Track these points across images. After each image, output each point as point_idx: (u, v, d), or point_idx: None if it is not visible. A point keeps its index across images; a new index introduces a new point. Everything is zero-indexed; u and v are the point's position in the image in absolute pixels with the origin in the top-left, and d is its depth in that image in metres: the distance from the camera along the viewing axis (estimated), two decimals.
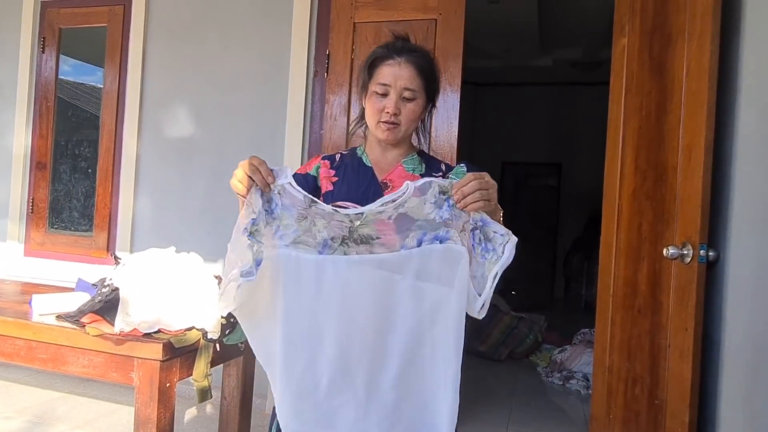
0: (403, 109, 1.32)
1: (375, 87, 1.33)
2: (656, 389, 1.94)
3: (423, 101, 1.34)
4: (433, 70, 1.36)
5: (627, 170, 2.24)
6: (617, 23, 2.36)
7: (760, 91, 1.75)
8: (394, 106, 1.31)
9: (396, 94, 1.31)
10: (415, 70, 1.31)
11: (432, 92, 1.37)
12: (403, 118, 1.32)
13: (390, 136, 1.34)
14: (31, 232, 3.55)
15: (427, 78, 1.33)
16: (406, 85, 1.31)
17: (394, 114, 1.31)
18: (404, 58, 1.31)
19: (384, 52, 1.34)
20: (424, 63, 1.33)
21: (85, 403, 2.99)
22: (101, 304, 1.65)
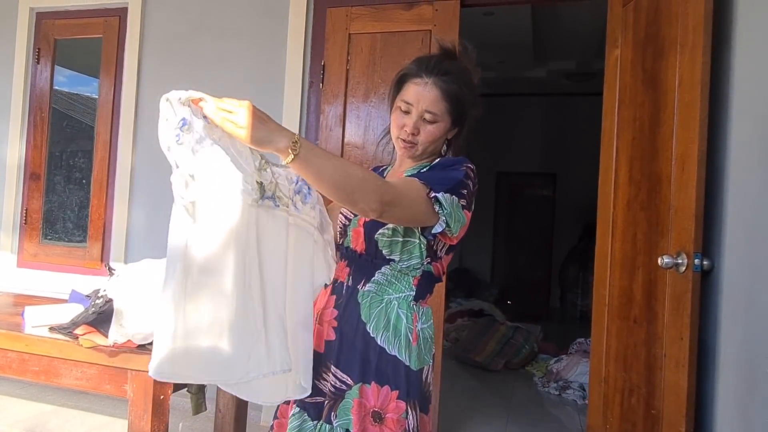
0: (422, 129, 1.31)
1: (399, 103, 1.33)
2: (652, 399, 1.94)
3: (446, 124, 1.32)
4: (462, 94, 1.30)
5: (621, 181, 2.25)
6: (610, 35, 2.38)
7: (752, 101, 1.76)
8: (413, 126, 1.31)
9: (417, 114, 1.30)
10: (440, 93, 1.28)
11: (459, 116, 1.32)
12: (421, 138, 1.31)
13: (406, 153, 1.36)
14: (25, 243, 3.53)
15: (452, 102, 1.29)
16: (428, 107, 1.29)
17: (412, 134, 1.31)
18: (432, 80, 1.28)
19: (414, 70, 1.31)
20: (452, 87, 1.28)
21: (78, 416, 2.96)
22: (95, 315, 1.64)
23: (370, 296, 1.31)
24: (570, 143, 7.14)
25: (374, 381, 1.26)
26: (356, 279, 1.33)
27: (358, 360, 1.27)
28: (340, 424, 1.27)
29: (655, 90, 2.04)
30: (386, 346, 1.27)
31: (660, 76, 2.01)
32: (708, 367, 1.86)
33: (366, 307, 1.30)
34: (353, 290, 1.33)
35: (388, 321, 1.28)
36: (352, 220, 1.36)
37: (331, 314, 1.34)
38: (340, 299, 1.34)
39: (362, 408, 1.26)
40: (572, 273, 6.77)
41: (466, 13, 2.77)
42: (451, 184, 1.21)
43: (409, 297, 1.31)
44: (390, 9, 2.82)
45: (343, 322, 1.32)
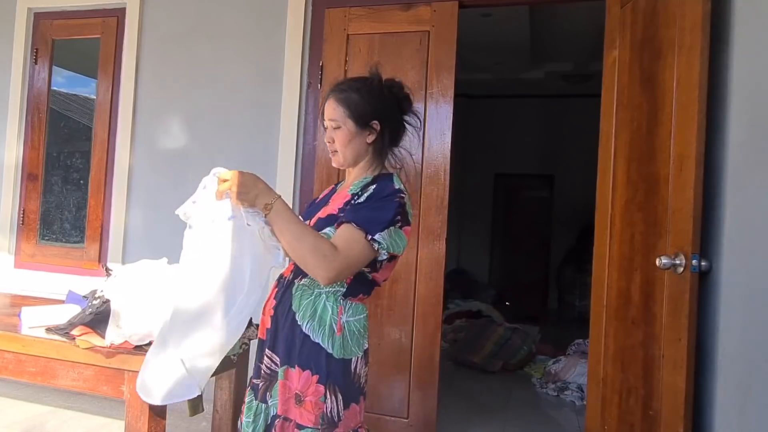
0: (335, 136, 1.48)
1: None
2: (650, 400, 1.94)
3: (350, 127, 1.46)
4: (355, 98, 1.46)
5: (619, 182, 2.25)
6: (608, 37, 2.39)
7: (749, 102, 1.77)
8: (327, 136, 1.50)
9: (328, 126, 1.50)
10: (334, 102, 1.48)
11: (359, 117, 1.46)
12: (337, 144, 1.48)
13: (334, 162, 1.52)
14: (22, 244, 3.52)
15: (347, 106, 1.46)
16: (330, 116, 1.48)
17: (329, 143, 1.50)
18: (329, 96, 1.50)
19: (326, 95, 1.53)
20: (344, 94, 1.47)
21: (75, 418, 2.95)
22: (92, 316, 1.64)
23: (302, 289, 1.44)
24: (567, 145, 7.15)
25: (297, 365, 1.39)
26: (296, 274, 1.47)
27: (286, 345, 1.42)
28: (273, 404, 1.43)
29: (652, 91, 2.05)
30: (311, 334, 1.40)
31: (658, 78, 2.01)
32: (706, 368, 1.86)
33: (297, 298, 1.44)
34: (290, 283, 1.47)
35: (315, 311, 1.41)
36: None
37: (270, 304, 1.51)
38: (279, 291, 1.50)
39: (286, 390, 1.40)
40: (570, 274, 6.77)
41: (464, 14, 2.77)
42: (385, 223, 1.36)
43: (339, 292, 1.43)
44: (388, 10, 2.82)
45: (278, 311, 1.47)
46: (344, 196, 1.47)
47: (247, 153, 3.08)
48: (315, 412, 1.36)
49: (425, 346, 2.73)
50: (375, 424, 2.77)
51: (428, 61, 2.76)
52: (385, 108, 1.49)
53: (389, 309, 2.78)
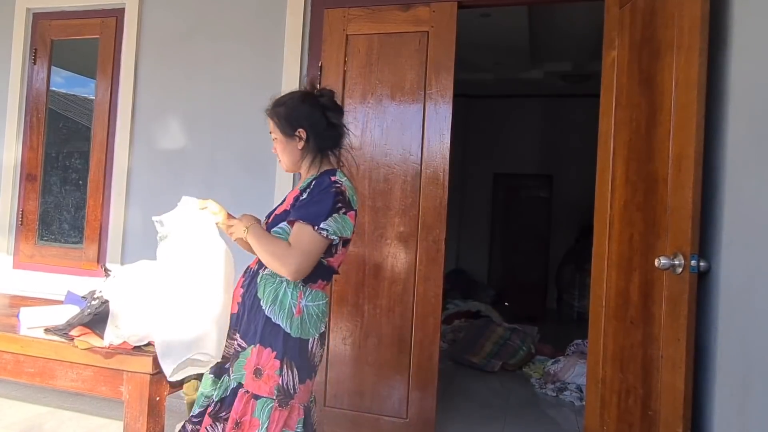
0: (276, 146, 1.75)
1: None
2: (649, 400, 1.94)
3: (283, 137, 1.71)
4: (280, 110, 1.71)
5: (618, 182, 2.25)
6: (607, 36, 2.39)
7: (748, 102, 1.77)
8: (274, 149, 1.76)
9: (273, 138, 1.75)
10: (268, 117, 1.74)
11: (287, 128, 1.70)
12: (278, 153, 1.75)
13: (283, 167, 1.78)
14: (21, 244, 3.51)
15: (276, 120, 1.72)
16: (270, 131, 1.74)
17: (275, 152, 1.75)
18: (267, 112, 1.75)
19: None
20: (274, 109, 1.73)
21: (74, 418, 2.95)
22: (91, 317, 1.64)
23: (266, 278, 1.64)
24: (566, 145, 7.15)
25: (259, 343, 1.58)
26: (260, 265, 1.67)
27: (251, 328, 1.61)
28: (235, 377, 1.60)
29: (651, 91, 2.05)
30: (272, 317, 1.59)
31: (656, 78, 2.01)
32: (705, 368, 1.86)
33: (262, 287, 1.63)
34: (255, 273, 1.68)
35: (276, 296, 1.60)
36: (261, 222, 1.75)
37: (238, 292, 1.70)
38: (246, 280, 1.70)
39: (250, 364, 1.58)
40: (569, 274, 6.77)
41: (463, 14, 2.77)
42: (326, 212, 1.57)
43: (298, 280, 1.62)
44: (387, 10, 2.82)
45: (245, 298, 1.66)
46: (294, 193, 1.69)
47: (246, 153, 3.07)
48: (270, 384, 1.55)
49: (424, 346, 2.73)
50: (374, 425, 2.77)
51: (427, 62, 2.76)
52: (308, 117, 1.69)
53: (389, 309, 2.78)
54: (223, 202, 3.26)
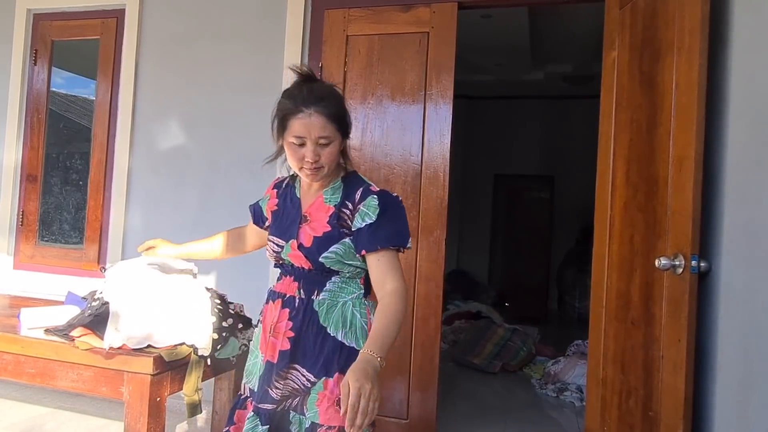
0: (322, 153, 1.41)
1: (291, 139, 1.42)
2: (650, 401, 1.94)
3: (339, 141, 1.44)
4: (342, 110, 1.45)
5: (618, 183, 2.25)
6: (607, 38, 2.39)
7: (748, 103, 1.77)
8: (312, 155, 1.41)
9: (312, 143, 1.40)
10: (325, 118, 1.39)
11: (345, 129, 1.46)
12: (324, 160, 1.42)
13: (316, 178, 1.47)
14: (21, 245, 3.52)
15: (338, 120, 1.42)
16: (320, 134, 1.39)
17: (315, 161, 1.41)
18: (313, 109, 1.38)
19: (292, 107, 1.40)
20: (332, 109, 1.41)
21: (74, 419, 2.95)
22: (91, 317, 1.63)
23: (325, 303, 1.46)
24: (567, 146, 7.15)
25: (337, 372, 1.41)
26: (308, 291, 1.48)
27: (321, 359, 1.43)
28: (310, 416, 1.43)
29: (652, 92, 2.05)
30: (345, 341, 1.44)
31: (657, 79, 2.01)
32: (705, 369, 1.86)
33: (323, 313, 1.45)
34: (308, 302, 1.47)
35: (345, 319, 1.45)
36: (284, 248, 1.50)
37: (285, 326, 1.47)
38: (294, 312, 1.48)
39: (326, 399, 1.41)
40: (570, 275, 6.77)
41: (463, 15, 2.77)
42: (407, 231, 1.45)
43: (360, 295, 1.49)
44: (388, 11, 2.82)
45: (302, 331, 1.46)
46: (326, 209, 1.48)
47: (246, 154, 3.07)
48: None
49: (425, 347, 2.73)
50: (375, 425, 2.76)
51: (428, 63, 2.76)
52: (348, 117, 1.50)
53: None
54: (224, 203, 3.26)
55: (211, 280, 3.06)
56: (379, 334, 1.32)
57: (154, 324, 1.61)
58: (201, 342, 1.67)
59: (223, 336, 1.75)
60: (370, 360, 1.26)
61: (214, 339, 1.71)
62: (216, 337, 1.72)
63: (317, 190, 1.52)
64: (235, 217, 3.06)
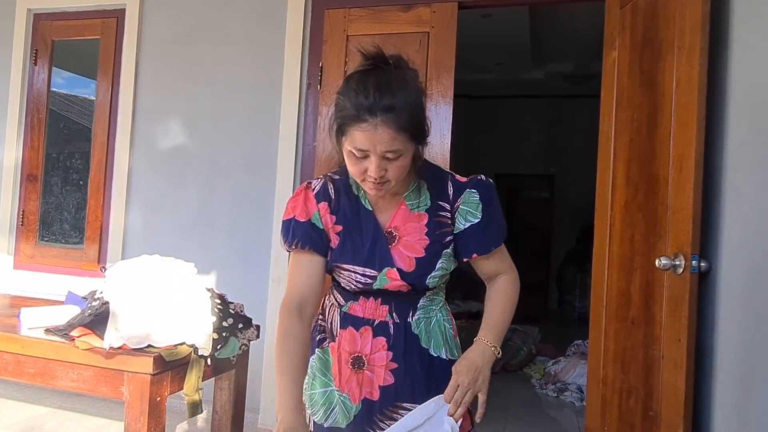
0: (390, 167, 1.14)
1: (351, 149, 1.14)
2: (650, 401, 1.94)
3: (412, 150, 1.16)
4: (417, 115, 1.15)
5: (619, 182, 2.25)
6: (608, 37, 2.39)
7: (749, 103, 1.77)
8: (376, 169, 1.13)
9: (377, 156, 1.12)
10: (395, 130, 1.10)
11: (421, 134, 1.18)
12: (391, 174, 1.15)
13: (380, 193, 1.19)
14: (21, 245, 3.52)
15: (410, 130, 1.13)
16: (387, 148, 1.11)
17: (380, 176, 1.15)
18: (380, 119, 1.09)
19: (354, 114, 1.11)
20: (404, 118, 1.10)
21: (74, 419, 2.95)
22: (91, 317, 1.63)
23: (422, 323, 1.29)
24: (568, 145, 7.15)
25: None
26: (402, 313, 1.28)
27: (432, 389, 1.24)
28: None
29: (652, 92, 2.04)
30: (446, 356, 1.31)
31: (657, 78, 2.01)
32: (705, 369, 1.86)
33: (423, 333, 1.29)
34: (405, 325, 1.28)
35: (442, 334, 1.31)
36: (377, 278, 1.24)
37: (385, 357, 1.27)
38: (391, 339, 1.27)
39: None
40: (570, 275, 6.77)
41: (463, 14, 2.77)
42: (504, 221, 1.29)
43: (443, 302, 1.36)
44: (388, 11, 2.82)
45: (405, 361, 1.27)
46: (417, 218, 1.25)
47: (246, 153, 3.07)
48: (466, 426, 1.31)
49: None
50: None
51: (428, 62, 2.76)
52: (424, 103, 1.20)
53: None
54: (224, 203, 3.25)
55: (211, 280, 3.06)
56: (496, 321, 1.26)
57: (154, 324, 1.61)
58: (201, 342, 1.67)
59: (224, 336, 1.75)
60: (484, 350, 1.23)
61: (214, 339, 1.71)
62: (216, 337, 1.72)
63: (394, 196, 1.26)
64: (235, 217, 3.07)
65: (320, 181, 1.31)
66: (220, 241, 3.09)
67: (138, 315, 1.59)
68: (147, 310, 1.62)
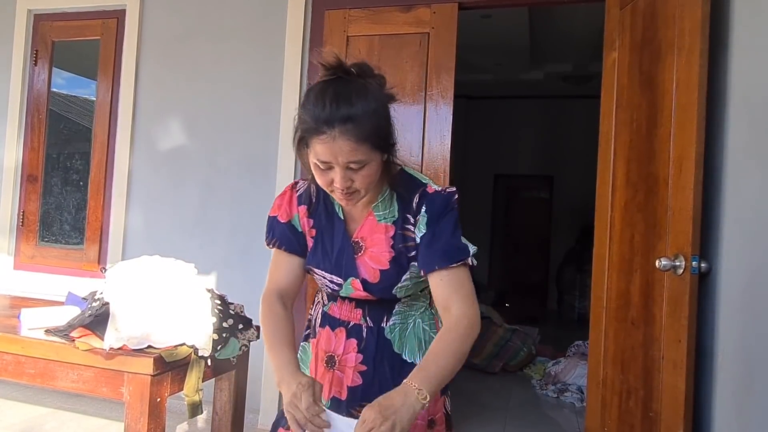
0: (356, 177, 1.13)
1: (315, 160, 1.13)
2: (650, 401, 1.94)
3: (377, 159, 1.14)
4: (378, 123, 1.12)
5: (618, 183, 2.25)
6: (607, 38, 2.39)
7: (748, 103, 1.77)
8: (341, 181, 1.12)
9: (341, 167, 1.11)
10: (354, 141, 1.08)
11: (385, 142, 1.16)
12: (359, 184, 1.14)
13: (350, 204, 1.19)
14: (21, 245, 3.52)
15: (374, 138, 1.10)
16: (349, 158, 1.10)
17: (347, 187, 1.14)
18: (337, 130, 1.07)
19: (312, 125, 1.10)
20: (361, 128, 1.08)
21: (75, 419, 2.95)
22: (91, 318, 1.63)
23: (397, 328, 1.29)
24: (567, 145, 7.16)
25: None
26: (376, 319, 1.29)
27: None
28: None
29: (652, 92, 2.05)
30: None
31: (657, 79, 2.01)
32: (705, 370, 1.86)
33: (396, 339, 1.29)
34: (378, 329, 1.28)
35: (419, 341, 1.29)
36: (342, 286, 1.27)
37: (354, 359, 1.29)
38: (363, 342, 1.29)
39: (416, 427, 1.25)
40: (570, 275, 6.77)
41: (463, 15, 2.78)
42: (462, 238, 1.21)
43: (425, 307, 1.33)
44: (388, 11, 2.82)
45: (375, 364, 1.28)
46: (383, 230, 1.23)
47: (246, 154, 3.08)
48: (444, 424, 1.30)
49: None
50: None
51: (428, 63, 2.76)
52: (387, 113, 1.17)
53: None
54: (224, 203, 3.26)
55: (212, 280, 3.06)
56: (429, 362, 1.11)
57: (155, 324, 1.61)
58: (201, 342, 1.67)
59: (224, 336, 1.75)
60: (407, 393, 1.05)
61: (214, 339, 1.71)
62: (216, 338, 1.72)
63: (364, 207, 1.25)
64: (235, 217, 3.07)
65: (305, 183, 1.32)
66: (220, 242, 3.09)
67: (138, 316, 1.59)
68: (147, 310, 1.62)
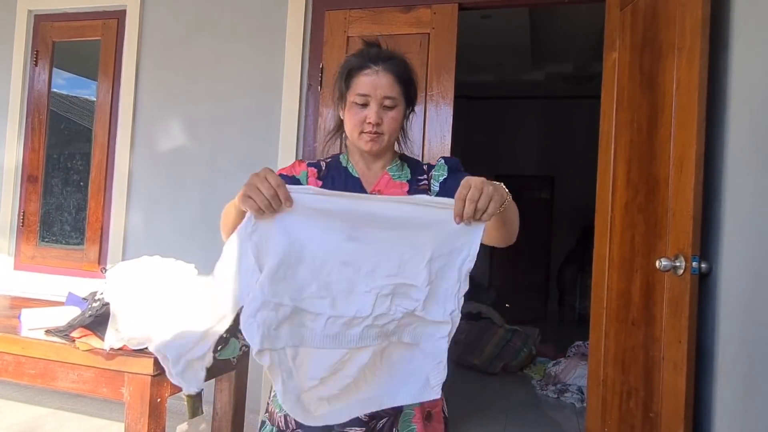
0: (385, 117, 1.29)
1: (354, 97, 1.29)
2: (651, 402, 1.94)
3: (403, 107, 1.33)
4: (411, 75, 1.35)
5: (619, 183, 2.25)
6: (608, 38, 2.39)
7: (749, 104, 1.77)
8: (375, 116, 1.28)
9: (376, 103, 1.28)
10: (394, 77, 1.29)
11: (411, 97, 1.36)
12: (386, 126, 1.30)
13: (374, 146, 1.31)
14: (22, 246, 3.52)
15: (405, 84, 1.32)
16: (386, 93, 1.28)
17: (377, 124, 1.29)
18: (381, 66, 1.29)
19: (360, 62, 1.30)
20: (401, 69, 1.31)
21: (75, 419, 2.95)
22: (92, 318, 1.63)
23: None
24: (568, 146, 7.16)
25: None
26: None
27: None
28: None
29: (652, 93, 2.05)
30: None
31: (658, 79, 2.01)
32: (706, 370, 1.86)
33: None
34: None
35: None
36: None
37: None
38: None
39: (418, 413, 1.29)
40: (570, 276, 6.77)
41: (464, 15, 2.77)
42: None
43: None
44: (388, 12, 2.82)
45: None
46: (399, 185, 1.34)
47: (247, 154, 3.07)
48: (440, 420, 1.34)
49: None
50: None
51: (428, 63, 2.76)
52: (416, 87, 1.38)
53: None
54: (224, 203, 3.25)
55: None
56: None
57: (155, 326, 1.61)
58: None
59: (224, 337, 1.75)
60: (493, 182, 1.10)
61: None
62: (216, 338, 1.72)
63: (379, 169, 1.37)
64: None
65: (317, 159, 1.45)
66: (220, 242, 3.08)
67: (138, 316, 1.59)
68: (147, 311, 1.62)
